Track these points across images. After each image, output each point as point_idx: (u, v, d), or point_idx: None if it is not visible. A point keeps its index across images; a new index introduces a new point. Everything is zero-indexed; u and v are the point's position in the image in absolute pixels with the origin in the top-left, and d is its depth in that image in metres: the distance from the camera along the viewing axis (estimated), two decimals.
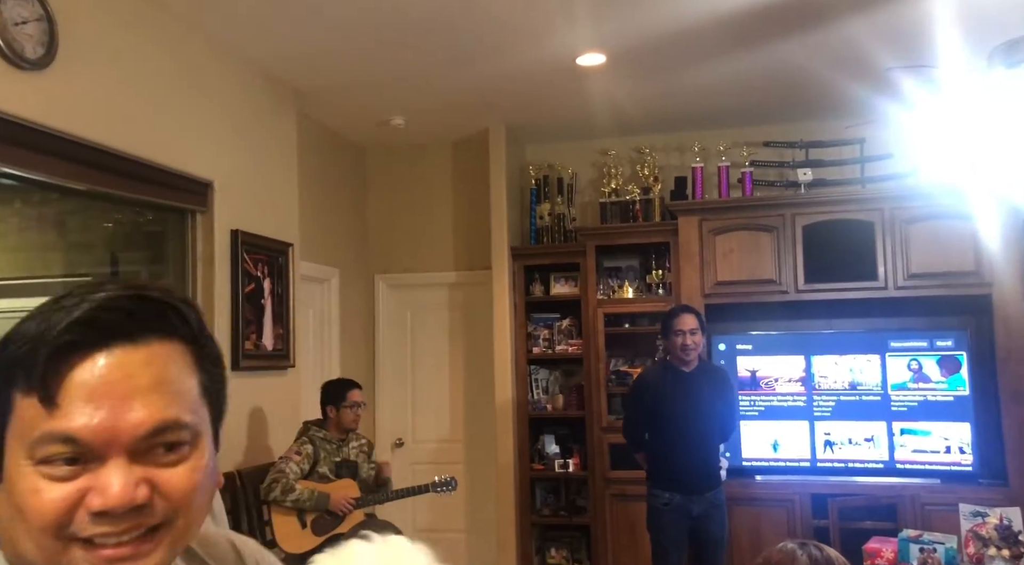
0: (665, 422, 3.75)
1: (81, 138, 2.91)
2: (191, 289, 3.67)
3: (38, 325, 0.63)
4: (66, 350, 0.63)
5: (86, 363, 0.63)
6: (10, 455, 0.64)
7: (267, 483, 3.60)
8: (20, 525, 0.63)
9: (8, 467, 0.64)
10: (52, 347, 0.62)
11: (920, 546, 3.44)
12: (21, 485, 0.63)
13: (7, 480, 0.64)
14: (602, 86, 4.42)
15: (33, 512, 0.62)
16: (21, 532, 0.63)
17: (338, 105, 4.75)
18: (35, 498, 0.62)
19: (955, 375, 4.46)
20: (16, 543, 0.64)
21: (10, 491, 0.63)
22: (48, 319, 0.63)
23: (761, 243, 4.73)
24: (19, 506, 0.63)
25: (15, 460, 0.63)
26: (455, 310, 5.63)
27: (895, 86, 3.33)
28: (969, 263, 4.40)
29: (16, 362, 0.62)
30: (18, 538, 0.64)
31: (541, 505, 5.25)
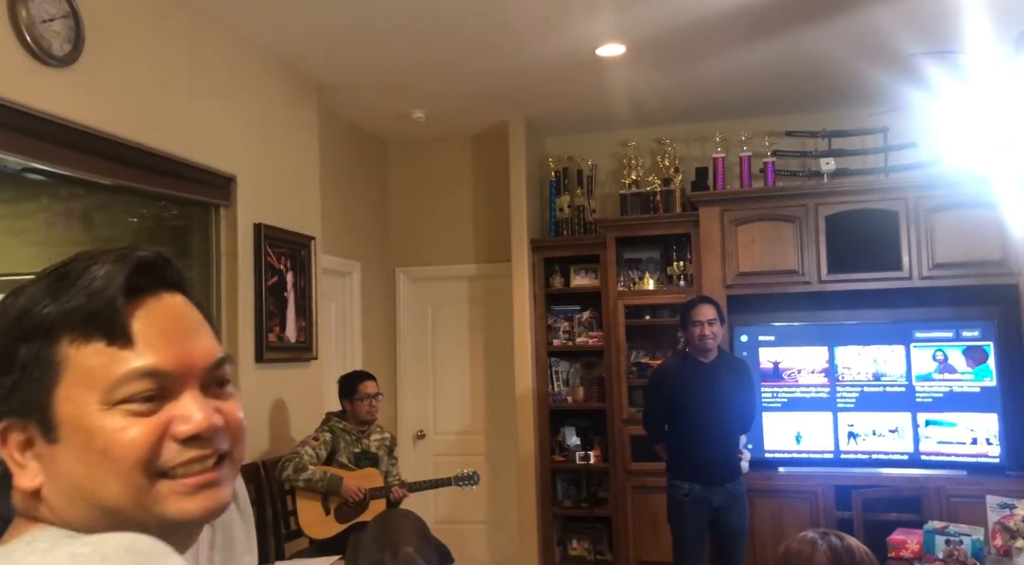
0: (684, 413, 3.74)
1: (107, 133, 2.96)
2: (215, 282, 3.71)
3: (88, 282, 0.66)
4: (132, 294, 0.67)
5: (150, 304, 0.68)
6: (72, 407, 0.65)
7: (281, 462, 3.66)
8: (104, 470, 0.64)
9: (73, 420, 0.65)
10: (122, 292, 0.66)
11: (946, 538, 3.41)
12: (106, 427, 0.64)
13: (78, 432, 0.65)
14: (622, 77, 4.40)
15: (125, 449, 0.65)
16: (106, 477, 0.65)
17: (359, 99, 4.77)
18: (124, 435, 0.65)
19: (982, 366, 4.41)
20: (96, 492, 0.65)
21: (86, 441, 0.65)
22: (91, 277, 0.66)
23: (783, 233, 4.70)
24: (104, 449, 0.64)
25: (84, 410, 0.65)
26: (475, 302, 5.65)
27: (919, 73, 3.29)
28: (995, 252, 4.34)
29: (81, 318, 0.65)
30: (100, 486, 0.65)
31: (562, 497, 5.26)
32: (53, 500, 0.66)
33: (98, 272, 0.66)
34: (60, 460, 0.65)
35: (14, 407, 0.65)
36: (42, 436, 0.65)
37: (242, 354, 3.71)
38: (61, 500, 0.66)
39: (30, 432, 0.65)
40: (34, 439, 0.66)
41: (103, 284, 0.66)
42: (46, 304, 0.65)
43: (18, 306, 0.66)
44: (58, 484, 0.65)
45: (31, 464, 0.66)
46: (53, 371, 0.65)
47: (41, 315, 0.65)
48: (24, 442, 0.66)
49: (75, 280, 0.66)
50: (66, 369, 0.65)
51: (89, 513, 0.66)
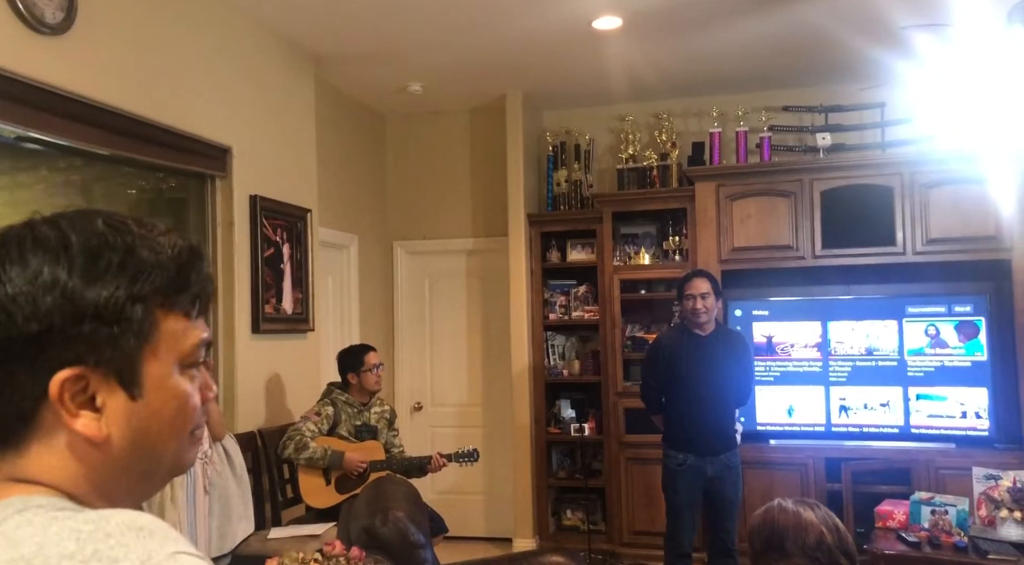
0: (681, 385, 3.78)
1: (101, 103, 2.97)
2: (211, 253, 3.74)
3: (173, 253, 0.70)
4: None
5: None
6: (158, 368, 0.69)
7: (283, 440, 3.70)
8: (176, 427, 0.71)
9: (158, 379, 0.69)
10: (201, 271, 0.72)
11: (932, 508, 3.47)
12: (181, 389, 0.70)
13: (160, 391, 0.69)
14: (619, 50, 4.40)
15: (191, 411, 0.72)
16: (172, 433, 0.71)
17: (357, 71, 4.77)
18: (191, 400, 0.72)
19: (973, 340, 4.44)
20: (159, 447, 0.70)
21: (166, 400, 0.70)
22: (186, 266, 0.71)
23: (779, 209, 4.71)
24: (180, 409, 0.70)
25: (165, 371, 0.69)
26: (472, 276, 5.68)
27: (913, 47, 3.29)
28: (989, 228, 4.36)
29: (175, 288, 0.69)
30: (165, 441, 0.70)
31: (557, 468, 5.33)
32: (96, 456, 0.67)
33: (182, 247, 0.71)
34: (137, 416, 0.68)
35: (106, 358, 0.66)
36: (124, 390, 0.67)
37: (238, 325, 3.75)
38: (111, 456, 0.68)
39: (110, 384, 0.67)
40: (104, 393, 0.67)
41: (187, 260, 0.71)
42: (161, 273, 0.68)
43: (139, 259, 0.67)
44: (125, 438, 0.68)
45: (100, 416, 0.67)
46: (149, 331, 0.68)
47: (151, 278, 0.68)
48: (92, 393, 0.67)
49: (164, 250, 0.70)
50: (156, 331, 0.68)
51: (127, 473, 0.69)
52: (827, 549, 1.64)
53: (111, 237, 0.67)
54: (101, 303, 0.65)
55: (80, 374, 0.66)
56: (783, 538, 1.68)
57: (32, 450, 0.66)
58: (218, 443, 3.29)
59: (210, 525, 3.19)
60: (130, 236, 0.68)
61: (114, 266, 0.66)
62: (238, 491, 3.36)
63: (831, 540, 1.65)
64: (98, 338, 0.66)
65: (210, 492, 3.20)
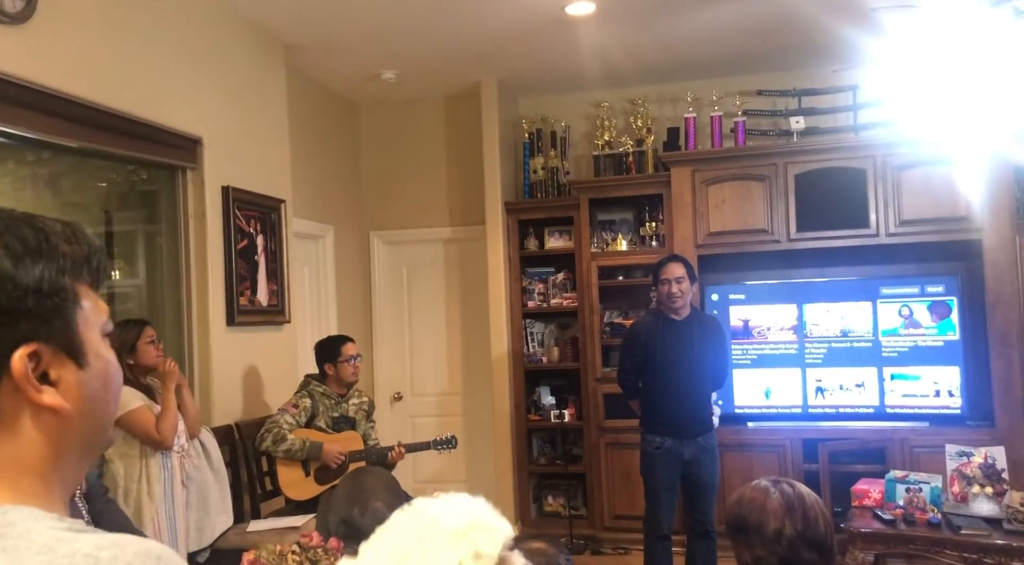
0: (657, 369, 3.80)
1: (67, 94, 2.91)
2: (183, 246, 3.70)
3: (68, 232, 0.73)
4: None
5: None
6: (91, 335, 0.73)
7: (260, 432, 3.67)
8: (109, 396, 0.75)
9: (93, 346, 0.73)
10: (92, 244, 0.75)
11: (907, 486, 3.52)
12: (109, 356, 0.75)
13: (98, 358, 0.73)
14: (593, 36, 4.38)
15: (120, 377, 0.77)
16: (109, 402, 0.75)
17: (328, 59, 4.72)
18: (117, 366, 0.77)
19: (945, 320, 4.50)
20: (107, 415, 0.75)
21: (104, 367, 0.74)
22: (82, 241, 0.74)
23: (753, 193, 4.73)
24: (114, 375, 0.75)
25: (96, 338, 0.73)
26: (450, 265, 5.67)
27: (883, 27, 3.31)
28: (960, 209, 4.41)
29: (84, 263, 0.73)
30: (109, 409, 0.75)
31: (538, 454, 5.35)
32: (59, 432, 0.70)
33: (67, 224, 0.74)
34: (86, 385, 0.72)
35: (55, 330, 0.69)
36: (73, 361, 0.71)
37: (212, 317, 3.71)
38: (72, 429, 0.71)
39: (59, 358, 0.70)
40: (56, 367, 0.70)
41: (79, 235, 0.74)
42: (70, 248, 0.72)
43: (51, 241, 0.71)
44: (79, 409, 0.71)
45: (56, 390, 0.70)
46: (76, 301, 0.72)
47: (72, 253, 0.72)
48: (44, 370, 0.69)
49: (77, 234, 0.74)
50: (80, 302, 0.72)
51: (80, 445, 0.72)
52: (787, 542, 1.63)
53: (24, 224, 0.71)
54: (38, 278, 0.69)
55: (35, 350, 0.68)
56: (747, 526, 1.68)
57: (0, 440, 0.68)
58: (195, 437, 3.26)
59: (188, 519, 3.17)
60: (35, 220, 0.72)
61: (38, 250, 0.70)
62: (216, 485, 3.34)
63: (791, 531, 1.64)
64: (43, 311, 0.69)
65: (188, 486, 3.18)
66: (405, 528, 1.02)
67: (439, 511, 1.00)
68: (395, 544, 1.02)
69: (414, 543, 1.01)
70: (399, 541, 1.01)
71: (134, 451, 2.98)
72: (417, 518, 1.01)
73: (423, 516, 1.01)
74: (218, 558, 3.32)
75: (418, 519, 1.01)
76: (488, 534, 1.03)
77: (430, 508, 1.01)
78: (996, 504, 3.32)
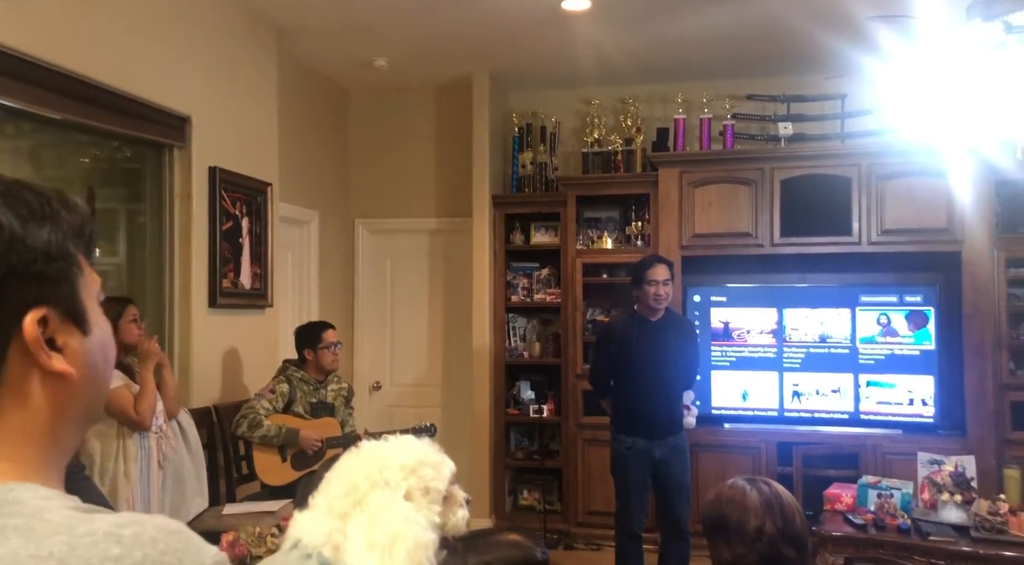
0: (630, 369, 3.80)
1: (54, 65, 2.87)
2: (168, 225, 3.67)
3: (63, 200, 0.72)
4: None
5: None
6: (91, 303, 0.72)
7: (236, 418, 3.64)
8: (107, 364, 0.74)
9: (93, 314, 0.72)
10: (85, 214, 0.74)
11: (878, 492, 3.57)
12: (105, 326, 0.74)
13: (99, 325, 0.73)
14: (587, 32, 4.39)
15: (114, 346, 0.76)
16: (107, 369, 0.75)
17: (320, 44, 4.69)
18: (112, 335, 0.76)
19: (922, 330, 4.56)
20: (103, 386, 0.74)
21: (103, 335, 0.74)
22: (75, 209, 0.73)
23: (739, 196, 4.77)
24: (110, 344, 0.75)
25: (95, 307, 0.73)
26: (435, 256, 5.66)
27: (874, 39, 3.34)
28: (941, 220, 4.47)
29: (79, 231, 0.72)
30: (104, 379, 0.74)
31: (515, 449, 5.36)
32: (64, 399, 0.69)
33: (59, 193, 0.73)
34: (89, 351, 0.71)
35: (63, 295, 0.69)
36: (78, 327, 0.70)
37: (195, 298, 3.68)
38: (75, 396, 0.70)
39: (66, 324, 0.69)
40: (63, 333, 0.69)
41: (73, 205, 0.73)
42: (68, 215, 0.71)
43: (52, 206, 0.70)
44: (83, 376, 0.70)
45: (63, 356, 0.69)
46: (80, 267, 0.71)
47: (70, 220, 0.71)
48: (50, 336, 0.68)
49: (70, 202, 0.73)
50: (79, 269, 0.71)
51: (81, 414, 0.71)
52: (768, 540, 1.65)
53: (24, 188, 0.70)
54: (46, 241, 0.68)
55: (44, 315, 0.67)
56: (727, 525, 1.69)
57: (4, 408, 0.66)
58: (173, 418, 3.24)
59: (163, 500, 3.15)
60: (32, 185, 0.71)
61: (43, 213, 0.69)
62: (192, 467, 3.32)
63: (772, 529, 1.66)
64: (52, 274, 0.68)
65: (164, 467, 3.16)
66: (356, 466, 1.04)
67: (388, 450, 1.03)
68: (347, 479, 1.05)
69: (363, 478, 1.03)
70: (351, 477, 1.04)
71: (111, 430, 2.95)
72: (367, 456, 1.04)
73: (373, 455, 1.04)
74: None
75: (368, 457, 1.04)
76: (435, 470, 1.07)
77: (379, 448, 1.04)
78: (964, 512, 3.38)
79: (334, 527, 1.11)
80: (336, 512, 1.13)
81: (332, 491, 1.15)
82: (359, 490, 1.15)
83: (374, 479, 1.17)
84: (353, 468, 1.18)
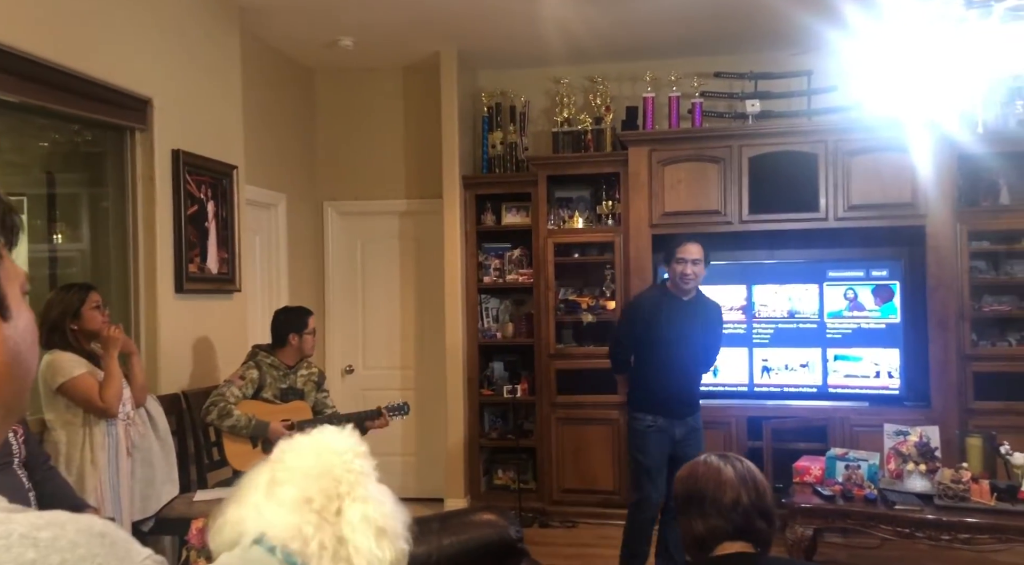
0: (656, 346, 3.72)
1: (10, 47, 2.79)
2: (131, 210, 3.60)
3: None
4: None
5: None
6: (12, 290, 0.71)
7: (206, 405, 3.60)
8: (31, 354, 0.72)
9: (14, 301, 0.71)
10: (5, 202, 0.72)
11: (846, 463, 3.64)
12: (30, 314, 0.73)
13: (21, 312, 0.71)
14: (555, 9, 4.35)
15: (37, 336, 0.75)
16: (31, 358, 0.73)
17: (285, 23, 4.61)
18: (35, 324, 0.75)
19: (888, 303, 4.64)
20: (30, 372, 0.73)
21: (27, 323, 0.72)
22: None
23: (708, 174, 4.79)
24: (34, 332, 0.73)
25: (17, 294, 0.71)
26: (406, 238, 5.62)
27: (839, 13, 3.36)
28: (906, 195, 4.53)
29: (2, 223, 0.70)
30: (27, 369, 0.72)
31: (489, 429, 5.38)
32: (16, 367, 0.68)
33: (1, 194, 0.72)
34: (10, 338, 0.69)
35: None
36: None
37: (161, 284, 3.62)
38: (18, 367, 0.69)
39: None
40: None
41: (7, 201, 0.71)
42: None
43: None
44: (4, 363, 0.68)
45: None
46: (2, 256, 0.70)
47: None
48: None
49: None
50: (2, 256, 0.69)
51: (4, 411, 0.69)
52: (743, 510, 1.69)
53: None
54: None
55: None
56: (703, 498, 1.73)
57: None
58: (141, 406, 3.20)
59: (133, 488, 3.12)
60: None
61: None
62: (162, 454, 3.29)
63: (747, 500, 1.70)
64: None
65: (133, 455, 3.12)
66: (320, 457, 1.09)
67: (335, 440, 1.08)
68: (314, 470, 1.09)
69: (336, 468, 1.07)
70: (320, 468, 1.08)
71: (77, 419, 2.91)
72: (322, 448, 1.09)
73: (326, 446, 1.09)
74: (163, 527, 3.28)
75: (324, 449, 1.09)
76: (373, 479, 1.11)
77: (326, 439, 1.10)
78: (929, 481, 3.46)
79: (304, 521, 1.10)
80: (311, 506, 1.12)
81: (301, 482, 1.14)
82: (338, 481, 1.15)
83: (349, 468, 1.17)
84: (318, 460, 1.18)
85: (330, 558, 1.09)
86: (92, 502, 2.79)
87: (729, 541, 1.69)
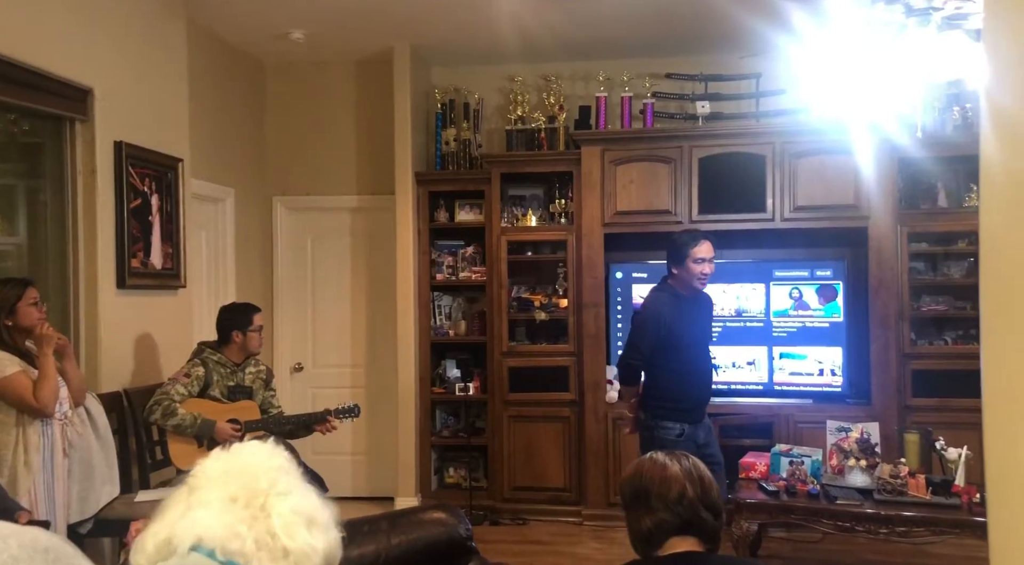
0: (680, 351, 3.56)
1: None
2: (71, 203, 3.49)
3: None
4: None
5: None
6: None
7: (149, 404, 3.51)
8: None
9: None
10: None
11: (790, 459, 3.72)
12: None
13: None
14: (510, 7, 4.35)
15: None
16: None
17: (233, 14, 4.51)
18: None
19: (831, 303, 4.75)
20: None
21: None
22: None
23: (659, 174, 4.84)
24: None
25: None
26: (357, 235, 5.56)
27: (787, 17, 3.43)
28: (849, 197, 4.65)
29: None
30: None
31: (441, 427, 5.36)
32: None
33: None
34: None
35: None
36: None
37: (102, 279, 3.52)
38: None
39: None
40: None
41: None
42: None
43: None
44: None
45: None
46: None
47: None
48: None
49: None
50: None
51: None
52: (688, 503, 1.71)
53: None
54: None
55: None
56: (648, 492, 1.74)
57: None
58: (79, 405, 3.10)
59: (70, 489, 3.02)
60: None
61: None
62: (101, 453, 3.20)
63: (693, 494, 1.72)
64: None
65: (70, 455, 3.03)
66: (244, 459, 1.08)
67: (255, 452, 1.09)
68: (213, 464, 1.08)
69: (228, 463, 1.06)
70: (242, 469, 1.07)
71: (10, 419, 2.81)
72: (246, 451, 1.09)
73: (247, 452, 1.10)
74: (103, 528, 3.19)
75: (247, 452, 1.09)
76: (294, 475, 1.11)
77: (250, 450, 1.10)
78: (869, 476, 3.56)
79: (235, 519, 1.08)
80: (237, 504, 1.10)
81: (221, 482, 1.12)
82: (258, 477, 1.13)
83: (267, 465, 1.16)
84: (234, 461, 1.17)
85: (268, 554, 1.07)
86: (25, 504, 2.70)
87: (677, 536, 1.70)
